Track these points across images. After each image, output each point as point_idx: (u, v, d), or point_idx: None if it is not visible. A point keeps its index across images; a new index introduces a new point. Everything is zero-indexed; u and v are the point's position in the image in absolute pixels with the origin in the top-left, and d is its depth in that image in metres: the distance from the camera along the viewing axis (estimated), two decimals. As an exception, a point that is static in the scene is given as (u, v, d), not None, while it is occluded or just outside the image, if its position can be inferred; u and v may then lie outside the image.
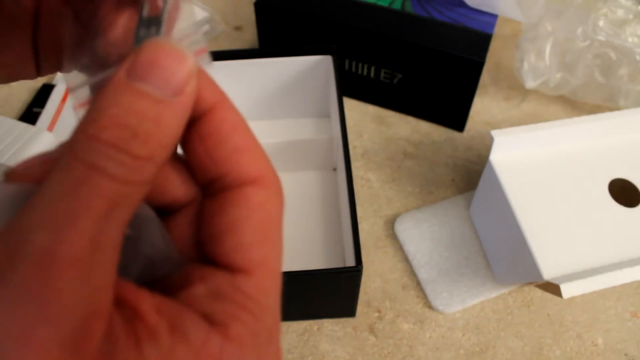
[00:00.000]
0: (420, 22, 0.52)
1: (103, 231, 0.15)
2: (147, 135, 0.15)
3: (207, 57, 0.20)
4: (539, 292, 0.46)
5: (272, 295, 0.19)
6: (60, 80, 0.61)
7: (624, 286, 0.46)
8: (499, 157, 0.43)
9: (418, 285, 0.47)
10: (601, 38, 0.51)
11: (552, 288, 0.38)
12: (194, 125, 0.18)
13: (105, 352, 0.15)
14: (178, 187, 0.19)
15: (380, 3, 0.54)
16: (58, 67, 0.24)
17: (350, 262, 0.39)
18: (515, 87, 0.60)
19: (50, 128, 0.56)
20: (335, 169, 0.52)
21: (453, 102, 0.54)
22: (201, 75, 0.18)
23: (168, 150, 0.16)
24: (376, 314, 0.45)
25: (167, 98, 0.16)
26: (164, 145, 0.16)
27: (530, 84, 0.55)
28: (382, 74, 0.55)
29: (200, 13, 0.65)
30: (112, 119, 0.15)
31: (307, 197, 0.51)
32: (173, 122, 0.16)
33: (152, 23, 0.19)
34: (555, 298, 0.46)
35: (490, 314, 0.45)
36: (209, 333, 0.16)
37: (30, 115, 0.57)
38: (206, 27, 0.23)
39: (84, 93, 0.20)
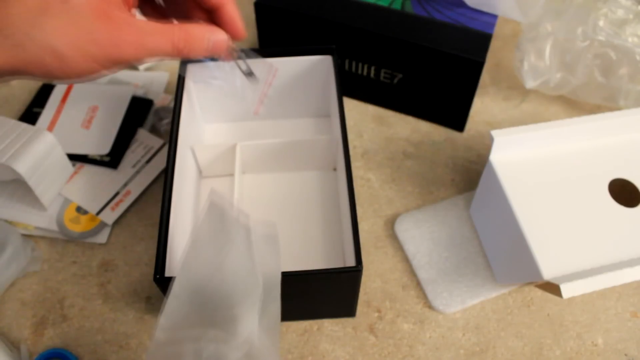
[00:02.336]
0: (420, 22, 0.52)
1: None
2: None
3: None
4: (539, 292, 0.46)
5: None
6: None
7: (624, 286, 0.46)
8: (499, 157, 0.43)
9: (418, 285, 0.47)
10: (601, 38, 0.51)
11: (552, 288, 0.38)
12: None
13: None
14: None
15: (380, 3, 0.54)
16: None
17: (350, 262, 0.39)
18: (515, 87, 0.60)
19: (50, 128, 0.56)
20: (335, 169, 0.52)
21: (453, 102, 0.54)
22: None
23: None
24: (376, 314, 0.45)
25: None
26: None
27: (530, 84, 0.55)
28: (382, 74, 0.55)
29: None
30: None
31: (307, 197, 0.51)
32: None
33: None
34: (555, 298, 0.46)
35: (490, 314, 0.45)
36: None
37: (30, 115, 0.57)
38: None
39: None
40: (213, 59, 0.41)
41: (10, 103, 0.59)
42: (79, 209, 0.50)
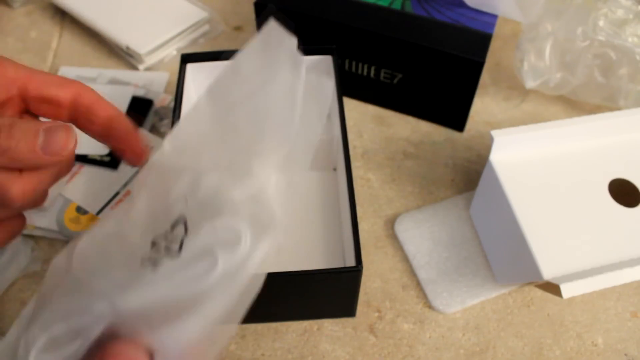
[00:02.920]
0: (420, 22, 0.52)
1: None
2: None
3: None
4: (539, 292, 0.46)
5: None
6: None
7: (624, 286, 0.46)
8: (499, 157, 0.43)
9: (418, 285, 0.47)
10: (601, 38, 0.51)
11: (552, 288, 0.38)
12: None
13: None
14: None
15: (380, 3, 0.54)
16: None
17: (350, 262, 0.39)
18: (515, 87, 0.60)
19: (50, 128, 0.55)
20: (335, 169, 0.52)
21: (453, 102, 0.54)
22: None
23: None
24: (376, 314, 0.45)
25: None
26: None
27: (530, 84, 0.55)
28: (382, 74, 0.55)
29: (200, 13, 0.65)
30: None
31: (307, 197, 0.51)
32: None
33: None
34: (555, 298, 0.46)
35: (490, 314, 0.45)
36: None
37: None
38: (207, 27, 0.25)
39: None
40: None
41: (10, 103, 0.59)
42: (79, 209, 0.50)
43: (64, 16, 0.68)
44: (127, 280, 0.22)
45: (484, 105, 0.59)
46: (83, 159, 0.53)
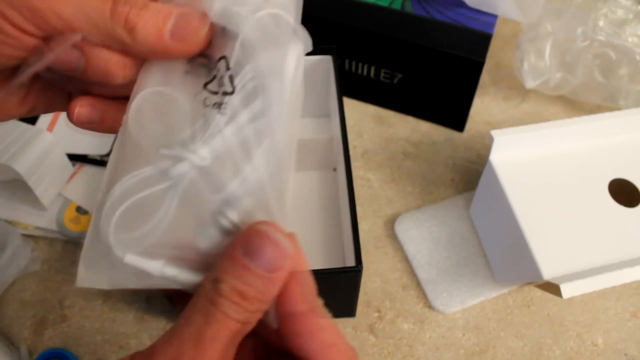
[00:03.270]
0: (420, 22, 0.52)
1: (227, 352, 0.22)
2: (254, 299, 0.22)
3: None
4: (539, 292, 0.46)
5: None
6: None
7: (624, 286, 0.46)
8: (499, 157, 0.43)
9: (418, 285, 0.47)
10: (601, 38, 0.51)
11: (552, 288, 0.38)
12: (291, 321, 0.24)
13: None
14: None
15: (380, 3, 0.54)
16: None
17: (350, 262, 0.39)
18: (515, 87, 0.60)
19: (50, 128, 0.56)
20: (335, 169, 0.52)
21: (453, 102, 0.54)
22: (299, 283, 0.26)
23: (268, 304, 0.23)
24: (376, 314, 0.45)
25: (268, 274, 0.22)
26: (265, 303, 0.23)
27: (530, 84, 0.55)
28: (382, 74, 0.55)
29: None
30: (232, 287, 0.22)
31: (307, 197, 0.51)
32: (271, 290, 0.23)
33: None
34: (555, 298, 0.46)
35: (490, 314, 0.45)
36: None
37: (30, 115, 0.57)
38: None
39: None
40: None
41: (10, 103, 0.59)
42: (79, 209, 0.50)
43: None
44: (198, 132, 0.23)
45: (484, 105, 0.59)
46: (83, 159, 0.53)
